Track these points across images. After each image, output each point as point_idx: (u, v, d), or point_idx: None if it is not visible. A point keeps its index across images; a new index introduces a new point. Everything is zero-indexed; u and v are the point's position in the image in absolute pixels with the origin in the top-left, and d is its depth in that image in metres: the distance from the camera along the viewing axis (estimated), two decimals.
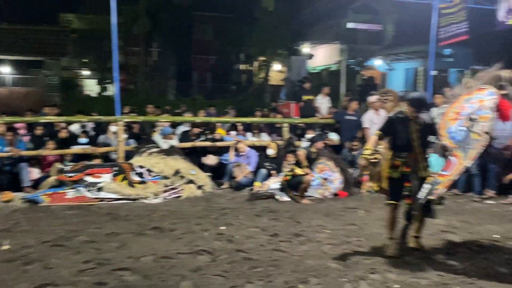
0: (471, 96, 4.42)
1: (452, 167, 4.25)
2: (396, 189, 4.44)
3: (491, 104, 4.24)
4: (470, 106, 4.38)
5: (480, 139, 4.22)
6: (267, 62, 22.08)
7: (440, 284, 3.76)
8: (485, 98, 4.29)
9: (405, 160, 4.39)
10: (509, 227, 5.51)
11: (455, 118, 4.46)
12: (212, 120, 9.21)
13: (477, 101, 4.33)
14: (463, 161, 4.24)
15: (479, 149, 4.21)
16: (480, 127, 4.23)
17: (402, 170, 4.39)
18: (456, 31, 9.83)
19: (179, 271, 3.98)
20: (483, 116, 4.26)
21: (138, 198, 6.69)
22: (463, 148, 4.27)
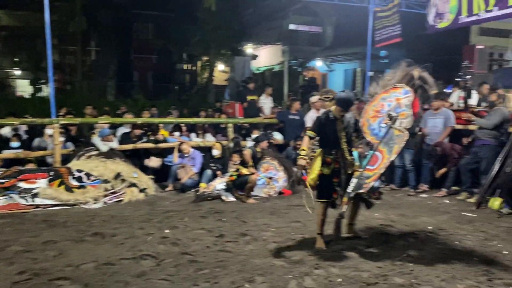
0: (387, 94, 4.76)
1: (378, 162, 4.50)
2: (326, 187, 4.63)
3: (407, 102, 4.57)
4: (387, 104, 4.72)
5: (401, 134, 4.48)
6: (210, 62, 21.95)
7: (380, 275, 3.91)
8: (401, 96, 4.62)
9: (334, 157, 4.60)
10: (442, 219, 5.85)
11: (375, 116, 4.80)
12: (154, 121, 9.00)
13: (394, 99, 4.66)
14: (387, 155, 4.49)
15: (401, 143, 4.47)
16: (400, 123, 4.52)
17: (333, 167, 4.59)
18: (390, 33, 10.33)
19: (122, 278, 3.86)
20: (402, 113, 4.56)
21: (76, 204, 6.40)
22: (387, 144, 4.54)
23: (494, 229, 5.35)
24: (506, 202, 6.06)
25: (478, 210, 6.27)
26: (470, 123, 7.29)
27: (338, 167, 4.61)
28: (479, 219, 5.84)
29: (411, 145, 7.61)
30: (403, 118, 4.53)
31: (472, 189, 6.97)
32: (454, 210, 6.33)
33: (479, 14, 7.80)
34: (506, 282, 3.76)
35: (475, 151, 6.96)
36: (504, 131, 6.81)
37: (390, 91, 4.77)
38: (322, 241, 4.68)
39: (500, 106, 6.99)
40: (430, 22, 8.99)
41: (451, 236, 5.09)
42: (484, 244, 4.80)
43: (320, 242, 4.68)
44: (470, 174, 6.97)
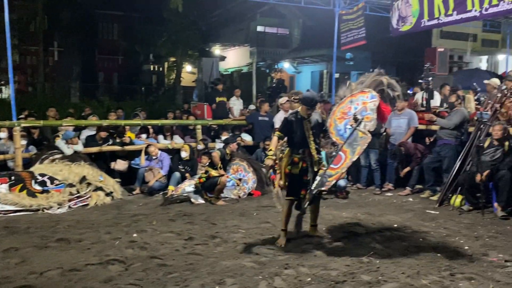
0: (355, 98, 4.90)
1: (341, 162, 4.64)
2: (295, 186, 4.75)
3: (372, 106, 4.71)
4: (354, 107, 4.86)
5: (364, 136, 4.62)
6: (177, 63, 21.72)
7: (348, 273, 3.99)
8: (368, 100, 4.76)
9: (302, 156, 4.72)
10: (406, 216, 6.02)
11: (341, 118, 4.94)
12: (121, 123, 8.83)
13: (361, 103, 4.80)
14: (350, 156, 4.63)
15: (363, 145, 4.60)
16: (364, 126, 4.65)
17: (301, 166, 4.71)
18: (356, 36, 10.55)
19: (88, 284, 3.77)
20: (367, 116, 4.70)
21: (40, 209, 6.21)
22: (350, 145, 4.67)
23: (456, 226, 5.55)
24: (467, 199, 6.30)
25: (441, 208, 6.49)
26: (432, 123, 7.53)
27: (306, 166, 4.73)
28: (442, 216, 6.05)
29: (376, 145, 7.81)
30: (368, 121, 4.66)
31: (434, 187, 7.21)
32: (418, 208, 6.53)
33: (440, 18, 8.08)
34: (467, 276, 3.90)
35: (437, 150, 7.20)
36: (464, 131, 7.09)
37: (358, 95, 4.90)
38: (284, 238, 4.80)
39: (460, 107, 7.27)
40: (393, 25, 9.23)
41: (415, 233, 5.25)
42: (446, 240, 4.98)
43: (282, 238, 4.79)
44: (432, 172, 7.20)
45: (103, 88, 23.87)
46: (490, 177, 6.13)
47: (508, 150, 6.12)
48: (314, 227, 5.12)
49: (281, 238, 4.80)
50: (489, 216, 5.94)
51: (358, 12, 10.45)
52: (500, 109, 6.69)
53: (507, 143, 6.15)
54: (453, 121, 6.95)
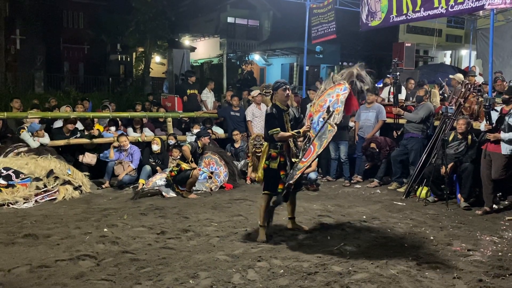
0: (332, 90, 4.80)
1: (309, 155, 4.58)
2: (273, 180, 4.68)
3: (342, 98, 4.60)
4: (329, 100, 4.75)
5: (332, 129, 4.51)
6: (146, 53, 21.30)
7: (319, 265, 4.07)
8: (341, 92, 4.65)
9: (280, 151, 4.67)
10: (374, 208, 6.19)
11: (318, 110, 4.86)
12: (89, 115, 8.63)
13: (335, 95, 4.70)
14: (317, 149, 4.54)
15: (329, 138, 4.52)
16: (333, 119, 4.55)
17: (280, 160, 4.65)
18: (326, 30, 10.64)
19: (59, 280, 3.70)
20: (337, 109, 4.59)
21: (5, 204, 6.01)
22: (320, 138, 4.60)
23: (422, 216, 5.75)
24: (432, 191, 6.53)
25: (407, 199, 6.71)
26: (400, 117, 7.73)
27: (283, 160, 4.68)
28: (408, 207, 6.25)
29: (346, 138, 7.97)
30: (336, 114, 4.56)
31: (401, 179, 7.43)
32: (385, 200, 6.72)
33: (408, 14, 8.27)
34: (432, 265, 4.06)
35: (404, 143, 7.41)
36: (430, 124, 7.31)
37: (335, 87, 4.81)
38: (264, 233, 4.75)
39: (427, 101, 7.49)
40: (363, 20, 9.38)
41: (383, 224, 5.41)
42: (413, 230, 5.15)
43: (262, 234, 4.74)
44: (400, 165, 7.41)
45: (69, 78, 23.14)
46: (454, 169, 6.38)
47: (471, 143, 6.37)
48: (292, 219, 5.12)
49: (261, 235, 4.74)
50: (453, 207, 6.18)
51: (328, 6, 10.54)
52: (464, 103, 6.94)
53: (470, 136, 6.40)
54: (420, 115, 7.16)
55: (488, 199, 5.96)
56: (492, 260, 4.22)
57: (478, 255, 4.35)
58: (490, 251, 4.50)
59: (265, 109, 8.61)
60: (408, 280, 3.74)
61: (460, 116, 6.60)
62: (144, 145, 8.18)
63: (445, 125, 6.68)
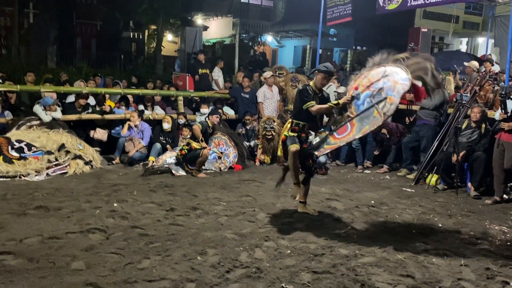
0: (389, 72, 4.30)
1: (344, 133, 4.38)
2: (294, 139, 4.63)
3: (401, 89, 4.15)
4: (384, 82, 4.29)
5: (377, 117, 4.19)
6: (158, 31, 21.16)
7: (326, 247, 4.09)
8: (399, 81, 4.18)
9: (302, 128, 4.66)
10: (383, 194, 6.17)
11: (367, 87, 4.41)
12: (100, 91, 8.64)
13: (393, 81, 4.23)
14: (355, 132, 4.33)
15: (372, 127, 4.24)
16: (383, 107, 4.18)
17: (300, 135, 4.65)
18: (342, 12, 10.46)
19: (69, 251, 3.76)
20: (390, 98, 4.17)
21: (17, 176, 6.10)
22: (361, 120, 4.31)
23: (431, 204, 5.73)
24: (442, 179, 6.49)
25: (417, 186, 6.67)
26: (413, 104, 7.64)
27: (305, 136, 4.67)
28: (417, 194, 6.22)
29: None
30: (389, 104, 4.17)
31: (411, 165, 7.38)
32: (394, 186, 6.69)
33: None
34: (440, 252, 4.06)
35: (416, 130, 7.33)
36: (443, 111, 7.22)
37: (394, 69, 4.29)
38: (297, 190, 4.83)
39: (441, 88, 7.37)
40: (380, 3, 9.19)
41: (391, 210, 5.40)
42: (421, 217, 5.14)
43: (296, 191, 4.83)
44: (410, 151, 7.36)
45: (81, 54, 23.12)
46: (465, 158, 6.32)
47: (485, 132, 6.29)
48: (303, 203, 5.08)
49: (295, 191, 4.84)
50: (463, 195, 6.14)
51: None
52: (479, 91, 6.83)
53: (484, 125, 6.32)
54: (434, 102, 7.06)
55: (499, 189, 5.91)
56: (501, 250, 4.20)
57: (486, 244, 4.33)
58: (499, 240, 4.48)
59: (276, 91, 8.63)
60: (415, 266, 3.75)
61: (475, 104, 6.51)
62: (154, 123, 8.20)
63: (459, 113, 6.59)
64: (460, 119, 6.51)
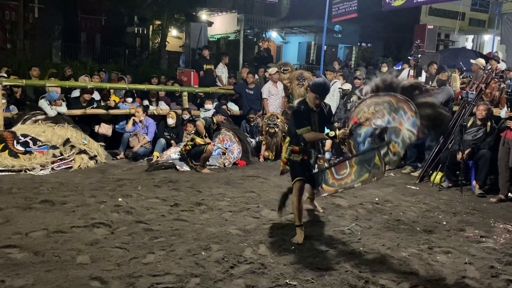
0: (396, 105, 3.68)
1: (342, 175, 3.85)
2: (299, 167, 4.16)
3: (406, 138, 3.56)
4: (388, 120, 3.68)
5: (379, 167, 3.62)
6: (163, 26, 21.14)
7: (330, 243, 4.10)
8: (406, 124, 3.56)
9: (303, 148, 4.13)
10: (387, 191, 6.16)
11: (368, 122, 3.82)
12: (105, 86, 8.66)
13: (398, 122, 3.61)
14: (353, 177, 3.77)
15: (372, 178, 3.65)
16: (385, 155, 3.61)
17: (302, 157, 4.14)
18: (347, 9, 10.43)
19: (74, 246, 3.79)
20: (393, 145, 3.57)
21: (22, 170, 6.13)
22: (361, 164, 3.73)
23: (435, 201, 5.71)
24: (447, 177, 6.47)
25: (421, 183, 6.65)
26: None
27: (307, 159, 4.16)
28: (422, 191, 6.21)
29: None
30: (392, 153, 3.57)
31: (416, 163, 7.36)
32: (399, 183, 6.67)
33: None
34: (444, 250, 4.06)
35: None
36: (449, 109, 7.18)
37: (401, 104, 3.63)
38: (302, 233, 4.12)
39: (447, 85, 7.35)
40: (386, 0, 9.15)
41: (396, 207, 5.39)
42: (425, 215, 5.13)
43: (300, 235, 4.10)
44: (415, 149, 7.33)
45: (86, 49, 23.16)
46: (470, 155, 6.29)
47: (490, 130, 6.26)
48: (310, 199, 5.00)
49: (298, 235, 4.11)
50: (467, 193, 6.12)
51: None
52: (485, 89, 6.80)
53: (489, 123, 6.28)
54: (439, 99, 7.00)
55: (504, 187, 5.88)
56: (505, 248, 4.19)
57: (490, 242, 4.32)
58: (503, 238, 4.47)
59: (281, 87, 8.61)
60: (419, 263, 3.75)
61: (481, 102, 6.47)
62: (159, 118, 8.21)
63: (465, 110, 6.56)
64: (465, 117, 6.48)
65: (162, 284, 3.20)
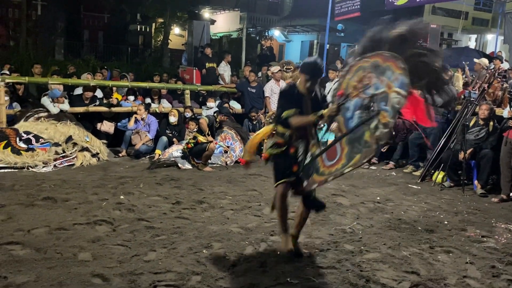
0: (383, 64, 3.02)
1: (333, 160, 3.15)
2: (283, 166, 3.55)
3: (396, 102, 2.84)
4: (376, 85, 3.02)
5: (370, 144, 2.91)
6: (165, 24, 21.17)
7: (331, 242, 4.10)
8: (394, 86, 2.88)
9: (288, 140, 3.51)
10: (389, 190, 6.16)
11: (358, 91, 3.15)
12: (108, 84, 8.67)
13: (386, 84, 2.94)
14: (344, 161, 3.03)
15: (364, 158, 2.92)
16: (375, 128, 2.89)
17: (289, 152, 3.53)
18: (350, 7, 10.42)
19: (76, 243, 3.80)
20: (383, 114, 2.88)
21: (25, 167, 6.15)
22: (351, 144, 3.05)
23: (437, 201, 5.71)
24: (449, 176, 6.46)
25: (423, 183, 6.65)
26: None
27: (294, 152, 3.51)
28: (423, 191, 6.21)
29: None
30: (382, 124, 2.85)
31: (418, 162, 7.35)
32: (400, 182, 6.67)
33: None
34: (445, 249, 4.06)
35: (423, 127, 7.28)
36: (451, 108, 7.17)
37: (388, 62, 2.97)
38: (287, 240, 3.66)
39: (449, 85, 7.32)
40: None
41: (397, 206, 5.39)
42: (427, 214, 5.13)
43: (285, 242, 3.66)
44: (417, 148, 7.32)
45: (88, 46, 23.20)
46: (472, 155, 6.28)
47: (493, 130, 6.25)
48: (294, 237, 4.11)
49: (282, 243, 3.67)
50: (469, 193, 6.12)
51: None
52: (488, 89, 6.78)
53: (492, 123, 6.27)
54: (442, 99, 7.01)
55: (506, 187, 5.87)
56: (507, 248, 4.19)
57: (492, 242, 4.32)
58: (505, 238, 4.47)
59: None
60: (420, 263, 3.75)
61: (483, 102, 6.46)
62: (161, 116, 8.22)
63: (467, 110, 6.55)
64: (468, 117, 6.47)
65: (164, 282, 3.21)
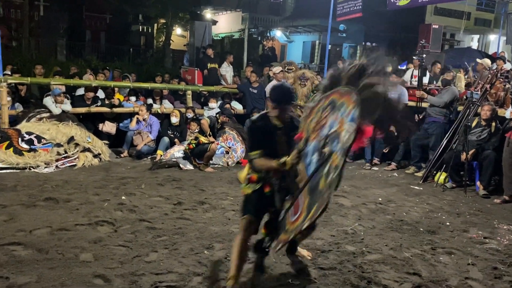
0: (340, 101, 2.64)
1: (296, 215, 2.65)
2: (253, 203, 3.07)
3: (346, 137, 2.43)
4: (330, 124, 2.63)
5: (323, 190, 2.44)
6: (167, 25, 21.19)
7: (333, 243, 4.09)
8: (346, 121, 2.48)
9: (265, 177, 3.00)
10: (391, 191, 6.15)
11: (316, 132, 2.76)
12: (110, 84, 8.68)
13: (339, 121, 2.55)
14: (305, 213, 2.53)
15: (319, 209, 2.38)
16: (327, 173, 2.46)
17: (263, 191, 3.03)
18: (352, 8, 10.40)
19: (78, 243, 3.80)
20: (334, 156, 2.47)
21: (27, 167, 6.16)
22: (312, 192, 2.58)
23: (439, 202, 5.70)
24: (451, 177, 6.45)
25: (425, 184, 6.63)
26: (423, 101, 7.58)
27: (269, 191, 3.00)
28: (425, 192, 6.19)
29: None
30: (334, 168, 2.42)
31: (420, 163, 7.33)
32: (402, 183, 6.66)
33: None
34: (447, 250, 4.05)
35: (425, 128, 7.28)
36: (453, 109, 7.16)
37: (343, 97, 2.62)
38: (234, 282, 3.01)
39: (452, 85, 7.32)
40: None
41: (399, 207, 5.38)
42: (429, 215, 5.12)
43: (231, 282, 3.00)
44: (419, 149, 7.31)
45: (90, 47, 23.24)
46: (475, 156, 6.27)
47: (495, 130, 6.23)
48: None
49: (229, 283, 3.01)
50: (471, 194, 6.10)
51: None
52: (490, 89, 6.76)
53: (494, 123, 6.26)
54: (444, 99, 7.01)
55: (508, 188, 5.85)
56: (509, 249, 4.18)
57: (494, 243, 4.31)
58: (507, 240, 4.45)
59: None
60: (422, 264, 3.74)
61: (485, 102, 6.45)
62: (163, 117, 8.22)
63: (469, 111, 6.53)
64: (470, 117, 6.45)
65: (165, 283, 3.21)
